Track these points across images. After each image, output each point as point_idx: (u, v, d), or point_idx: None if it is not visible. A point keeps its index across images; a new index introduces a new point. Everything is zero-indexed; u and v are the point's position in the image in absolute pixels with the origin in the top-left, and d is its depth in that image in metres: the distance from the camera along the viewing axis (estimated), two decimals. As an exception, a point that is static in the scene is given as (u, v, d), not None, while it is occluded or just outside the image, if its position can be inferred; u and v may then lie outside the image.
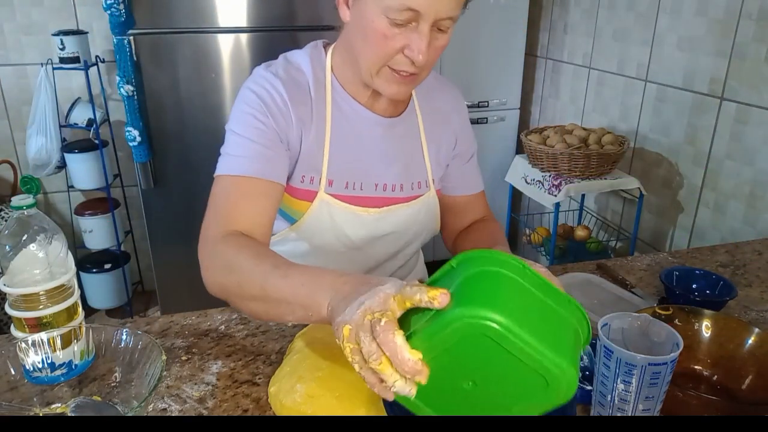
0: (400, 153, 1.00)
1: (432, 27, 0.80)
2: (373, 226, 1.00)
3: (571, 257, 2.21)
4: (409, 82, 0.87)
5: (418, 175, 1.02)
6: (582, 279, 1.08)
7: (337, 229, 0.97)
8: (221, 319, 0.96)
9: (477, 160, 1.12)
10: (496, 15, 2.50)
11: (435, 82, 1.06)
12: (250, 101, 0.90)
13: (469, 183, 1.11)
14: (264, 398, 0.76)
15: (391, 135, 0.99)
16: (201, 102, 2.08)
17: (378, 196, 0.99)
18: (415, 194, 1.02)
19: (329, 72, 0.95)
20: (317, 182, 0.95)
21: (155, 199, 2.17)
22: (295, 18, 2.08)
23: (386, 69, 0.85)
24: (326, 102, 0.94)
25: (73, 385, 0.76)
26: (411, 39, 0.80)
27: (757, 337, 0.78)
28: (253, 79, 0.92)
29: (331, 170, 0.95)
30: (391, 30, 0.80)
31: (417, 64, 0.82)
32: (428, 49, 0.81)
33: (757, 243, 1.29)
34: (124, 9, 1.87)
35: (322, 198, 0.95)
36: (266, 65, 0.95)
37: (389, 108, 0.99)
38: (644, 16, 2.05)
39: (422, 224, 1.06)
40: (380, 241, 1.03)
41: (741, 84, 1.70)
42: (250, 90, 0.91)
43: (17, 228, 0.75)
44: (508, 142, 2.71)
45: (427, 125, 1.03)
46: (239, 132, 0.89)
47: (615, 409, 0.64)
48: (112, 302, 2.58)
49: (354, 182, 0.97)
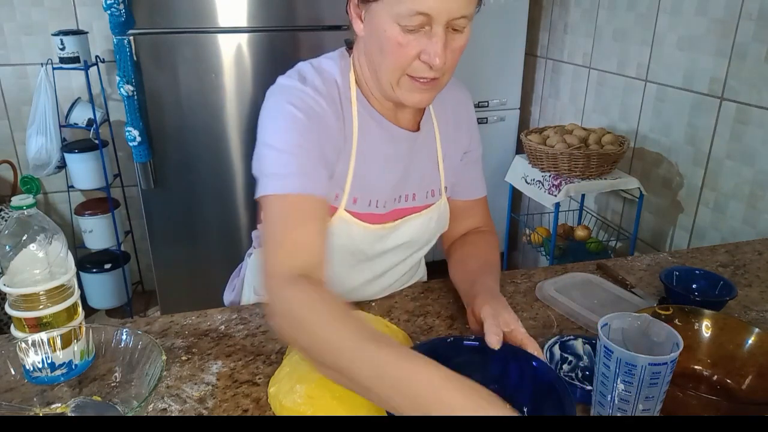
0: (420, 164, 0.98)
1: (446, 28, 0.78)
2: (388, 239, 0.98)
3: (571, 257, 2.21)
4: (431, 88, 0.84)
5: (432, 183, 1.01)
6: (582, 279, 1.08)
7: (353, 245, 0.95)
8: (221, 319, 0.96)
9: (481, 165, 1.09)
10: (496, 15, 2.50)
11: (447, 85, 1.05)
12: (286, 113, 0.84)
13: (470, 187, 1.08)
14: (264, 398, 0.76)
15: (415, 149, 0.97)
16: (201, 102, 2.08)
17: (397, 208, 0.98)
18: (429, 203, 1.00)
19: (353, 84, 0.91)
20: (340, 199, 0.91)
21: (155, 199, 2.17)
22: (295, 18, 2.08)
23: (406, 78, 0.83)
24: (353, 117, 0.90)
25: (73, 385, 0.76)
26: (426, 44, 0.79)
27: (757, 337, 0.79)
28: (287, 91, 0.86)
29: (354, 187, 0.92)
30: (405, 37, 0.78)
31: (435, 68, 0.80)
32: (445, 51, 0.79)
33: (757, 243, 1.29)
34: (124, 9, 1.87)
35: (341, 216, 0.92)
36: (299, 77, 0.88)
37: (412, 120, 0.96)
38: (644, 16, 2.05)
39: (433, 232, 1.04)
40: (392, 252, 1.01)
41: (741, 84, 1.70)
42: (287, 102, 0.84)
43: (17, 228, 0.75)
44: (508, 142, 2.71)
45: (443, 132, 1.01)
46: (278, 147, 0.82)
47: (615, 409, 0.64)
48: (112, 302, 2.58)
49: (378, 200, 0.94)
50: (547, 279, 1.07)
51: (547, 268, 1.16)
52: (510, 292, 1.06)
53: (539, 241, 2.33)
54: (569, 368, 0.81)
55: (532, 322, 0.96)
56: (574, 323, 0.96)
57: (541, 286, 1.04)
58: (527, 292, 1.05)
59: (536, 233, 2.34)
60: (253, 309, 0.99)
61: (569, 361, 0.81)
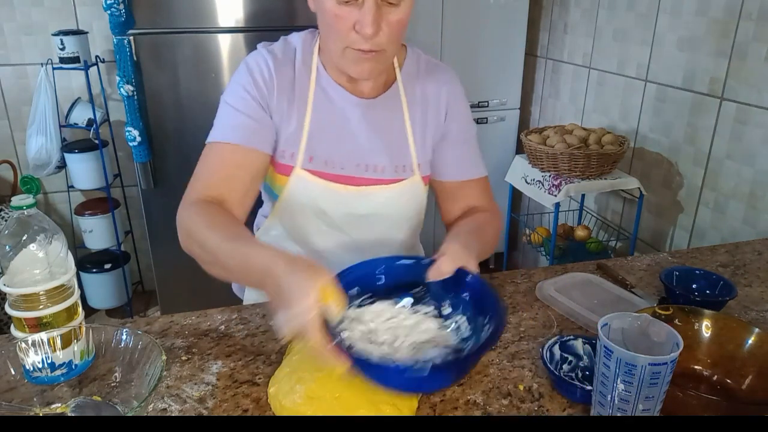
0: (382, 134, 1.02)
1: (380, 1, 0.84)
2: (352, 205, 1.02)
3: (571, 257, 2.21)
4: (372, 58, 0.89)
5: (402, 158, 1.03)
6: (582, 279, 1.08)
7: (314, 205, 1.01)
8: (221, 319, 0.96)
9: (475, 145, 1.09)
10: (496, 15, 2.50)
11: (425, 65, 1.06)
12: (241, 73, 0.96)
13: (461, 168, 1.07)
14: (264, 398, 0.76)
15: (371, 116, 1.01)
16: (201, 102, 2.08)
17: (360, 176, 1.01)
18: (399, 177, 1.03)
19: (316, 55, 1.00)
20: (295, 158, 0.99)
21: (155, 199, 2.17)
22: (295, 18, 2.08)
23: (349, 50, 0.89)
24: (310, 82, 0.98)
25: (73, 385, 0.76)
26: (358, 14, 0.84)
27: (757, 337, 0.78)
28: (251, 54, 0.99)
29: (310, 147, 0.99)
30: (340, 9, 0.85)
31: (367, 39, 0.85)
32: (377, 22, 0.84)
33: (757, 243, 1.29)
34: (124, 9, 1.87)
35: (298, 173, 0.99)
36: (266, 43, 1.01)
37: (372, 92, 1.01)
38: (644, 16, 2.05)
39: (403, 208, 1.06)
40: (360, 222, 1.04)
41: (741, 84, 1.70)
42: (245, 63, 0.97)
43: (17, 228, 0.75)
44: (508, 142, 2.71)
45: (412, 108, 1.03)
46: (228, 101, 0.96)
47: (615, 409, 0.64)
48: (112, 302, 2.59)
49: (335, 161, 1.00)
50: (547, 279, 1.07)
51: (547, 268, 1.15)
52: (510, 292, 1.06)
53: (539, 241, 2.33)
54: (569, 368, 0.81)
55: (532, 322, 0.96)
56: (574, 323, 0.96)
57: (541, 286, 1.04)
58: (527, 292, 1.05)
59: (536, 233, 2.34)
60: (253, 309, 0.99)
61: (569, 361, 0.81)
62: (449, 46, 2.49)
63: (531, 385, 0.80)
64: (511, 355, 0.86)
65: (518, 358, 0.86)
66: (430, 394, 0.76)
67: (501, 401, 0.76)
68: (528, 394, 0.78)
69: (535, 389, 0.79)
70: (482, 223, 1.02)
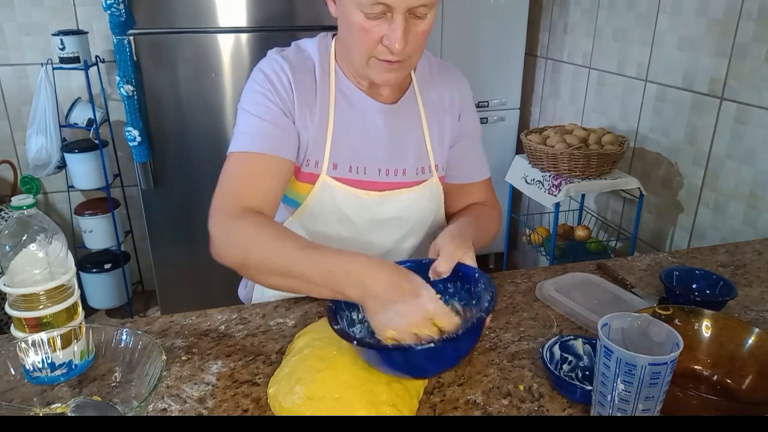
0: (403, 138, 1.02)
1: (408, 15, 0.83)
2: (375, 210, 1.01)
3: (571, 257, 2.21)
4: (398, 68, 0.90)
5: (421, 160, 1.04)
6: (582, 279, 1.08)
7: (339, 212, 1.00)
8: (221, 319, 0.96)
9: (480, 147, 1.12)
10: (496, 15, 2.50)
11: (438, 68, 1.07)
12: (259, 81, 0.95)
13: (468, 171, 1.11)
14: (264, 398, 0.76)
15: (392, 121, 1.01)
16: (201, 102, 2.08)
17: (381, 180, 1.01)
18: (419, 179, 1.04)
19: (333, 60, 0.99)
20: (320, 165, 0.98)
21: (155, 199, 2.17)
22: (295, 18, 2.08)
23: (374, 59, 0.89)
24: (330, 88, 0.97)
25: (73, 385, 0.76)
26: (387, 29, 0.84)
27: (757, 337, 0.79)
28: (265, 61, 0.98)
29: (334, 154, 0.98)
30: (368, 23, 0.84)
31: (395, 52, 0.85)
32: (406, 37, 0.84)
33: (757, 243, 1.29)
34: (124, 9, 1.87)
35: (324, 180, 0.98)
36: (278, 49, 0.99)
37: (390, 96, 1.01)
38: (644, 16, 2.05)
39: (425, 210, 1.07)
40: (383, 227, 1.04)
41: (741, 84, 1.69)
42: (260, 70, 0.96)
43: (17, 228, 0.75)
44: (508, 142, 2.71)
45: (428, 111, 1.04)
46: (249, 110, 0.94)
47: (615, 409, 0.64)
48: (112, 302, 2.58)
49: (357, 166, 0.99)
50: (547, 279, 1.07)
51: (547, 268, 1.16)
52: (510, 292, 1.06)
53: (539, 241, 2.33)
54: (569, 368, 0.81)
55: (532, 322, 0.96)
56: (574, 323, 0.96)
57: (541, 286, 1.05)
58: (527, 292, 1.06)
59: (536, 233, 2.34)
60: (253, 309, 0.99)
61: (569, 361, 0.81)
62: (449, 46, 2.49)
63: (531, 385, 0.80)
64: (511, 355, 0.86)
65: (518, 358, 0.86)
66: (436, 378, 0.76)
67: (501, 401, 0.76)
68: (528, 394, 0.78)
69: (535, 389, 0.79)
70: (480, 213, 1.05)
